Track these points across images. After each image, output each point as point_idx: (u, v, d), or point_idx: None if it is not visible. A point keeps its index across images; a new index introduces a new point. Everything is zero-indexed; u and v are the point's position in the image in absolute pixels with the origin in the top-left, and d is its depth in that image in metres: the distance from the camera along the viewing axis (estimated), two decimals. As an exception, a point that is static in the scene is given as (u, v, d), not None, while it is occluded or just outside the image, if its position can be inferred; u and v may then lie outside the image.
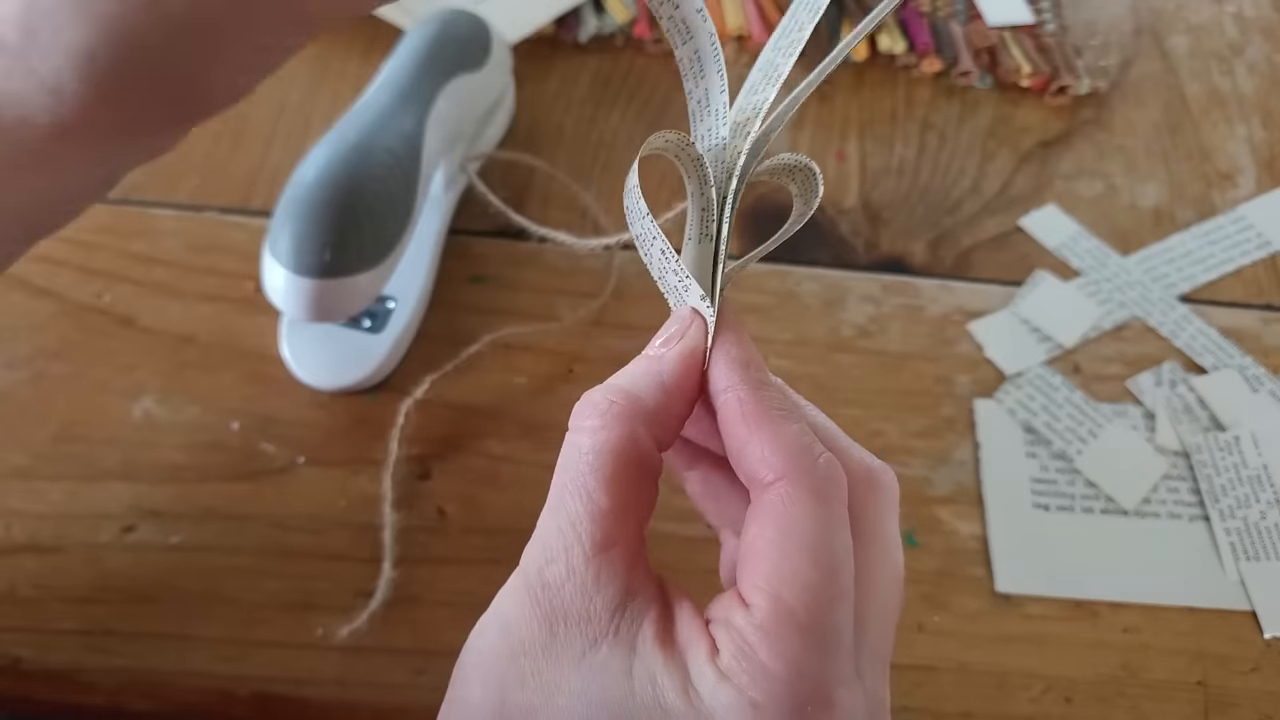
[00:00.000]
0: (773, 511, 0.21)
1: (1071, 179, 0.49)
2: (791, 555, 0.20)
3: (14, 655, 0.33)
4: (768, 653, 0.20)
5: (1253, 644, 0.36)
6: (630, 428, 0.22)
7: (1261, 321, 0.44)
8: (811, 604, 0.20)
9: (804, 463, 0.21)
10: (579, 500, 0.22)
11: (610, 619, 0.21)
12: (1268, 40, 0.56)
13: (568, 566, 0.21)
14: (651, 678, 0.21)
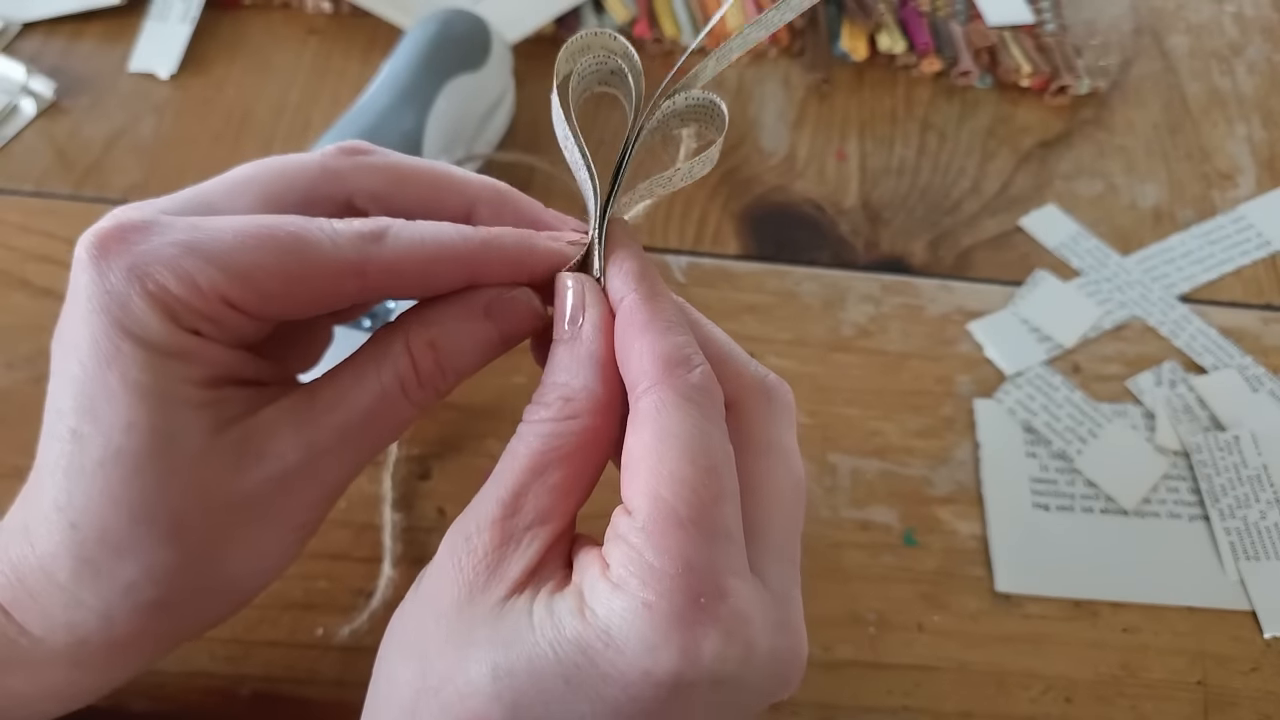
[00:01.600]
0: (648, 417, 0.21)
1: (1071, 179, 0.49)
2: (668, 457, 0.21)
3: (14, 655, 0.33)
4: (653, 552, 0.20)
5: (1252, 644, 0.36)
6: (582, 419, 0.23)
7: (1261, 321, 0.44)
8: (692, 499, 0.20)
9: (678, 371, 0.22)
10: (525, 475, 0.22)
11: (524, 580, 0.22)
12: (1268, 40, 0.56)
13: (501, 535, 0.22)
14: (549, 611, 0.21)
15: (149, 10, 0.52)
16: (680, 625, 0.20)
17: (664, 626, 0.20)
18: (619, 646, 0.20)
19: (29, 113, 0.48)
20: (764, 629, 0.21)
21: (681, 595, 0.20)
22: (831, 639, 0.35)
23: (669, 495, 0.20)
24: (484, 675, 0.21)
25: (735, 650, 0.20)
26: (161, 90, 0.50)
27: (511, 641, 0.21)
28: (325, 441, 0.24)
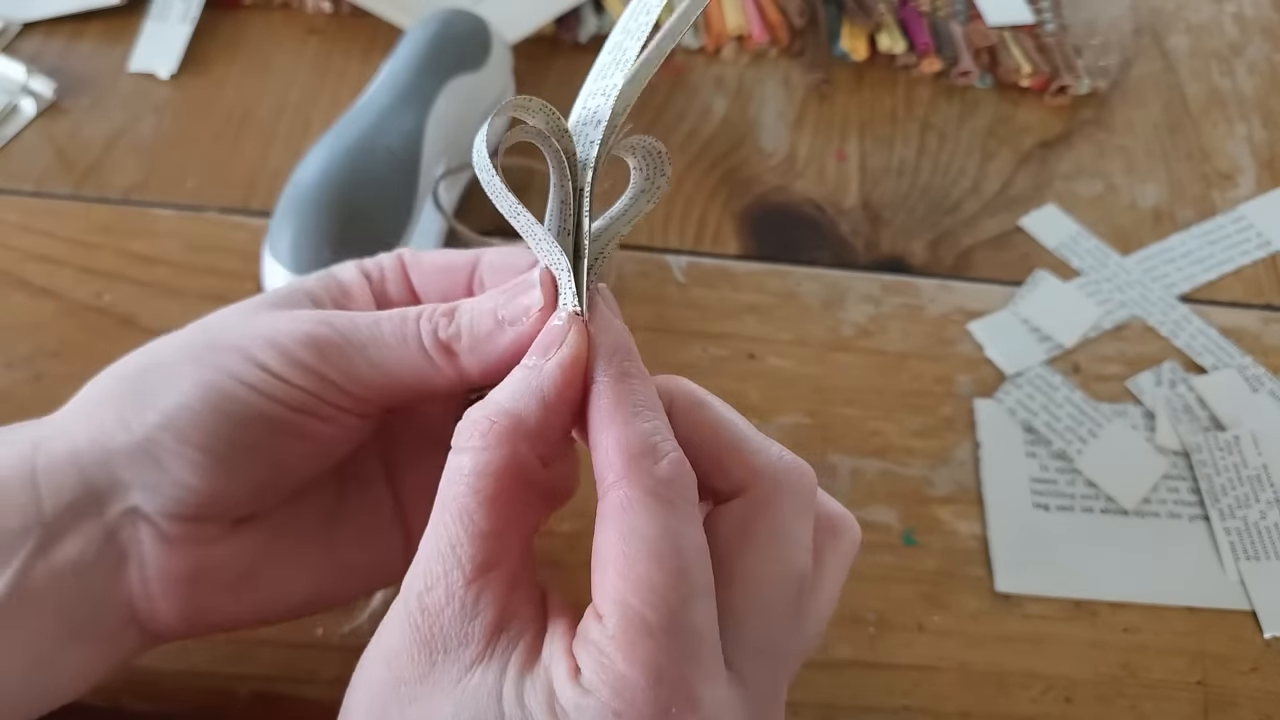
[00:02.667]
0: (614, 514, 0.21)
1: (1071, 179, 0.49)
2: (635, 560, 0.20)
3: (14, 655, 0.33)
4: (623, 661, 0.20)
5: (1252, 644, 0.36)
6: (510, 448, 0.22)
7: (1261, 321, 0.44)
8: (661, 606, 0.20)
9: (644, 464, 0.21)
10: (459, 523, 0.21)
11: (487, 643, 0.21)
12: (1268, 40, 0.56)
13: (447, 591, 0.21)
14: (520, 699, 0.20)
15: (149, 10, 0.52)
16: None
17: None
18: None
19: (29, 113, 0.48)
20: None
21: (650, 707, 0.20)
22: (831, 639, 0.35)
23: (637, 603, 0.20)
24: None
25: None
26: (161, 90, 0.50)
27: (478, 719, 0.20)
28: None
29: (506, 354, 0.24)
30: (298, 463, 0.27)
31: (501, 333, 0.24)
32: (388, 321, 0.25)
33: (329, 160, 0.38)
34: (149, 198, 0.45)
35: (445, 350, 0.25)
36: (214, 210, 0.45)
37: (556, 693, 0.20)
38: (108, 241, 0.43)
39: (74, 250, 0.43)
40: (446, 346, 0.25)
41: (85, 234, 0.44)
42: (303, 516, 0.28)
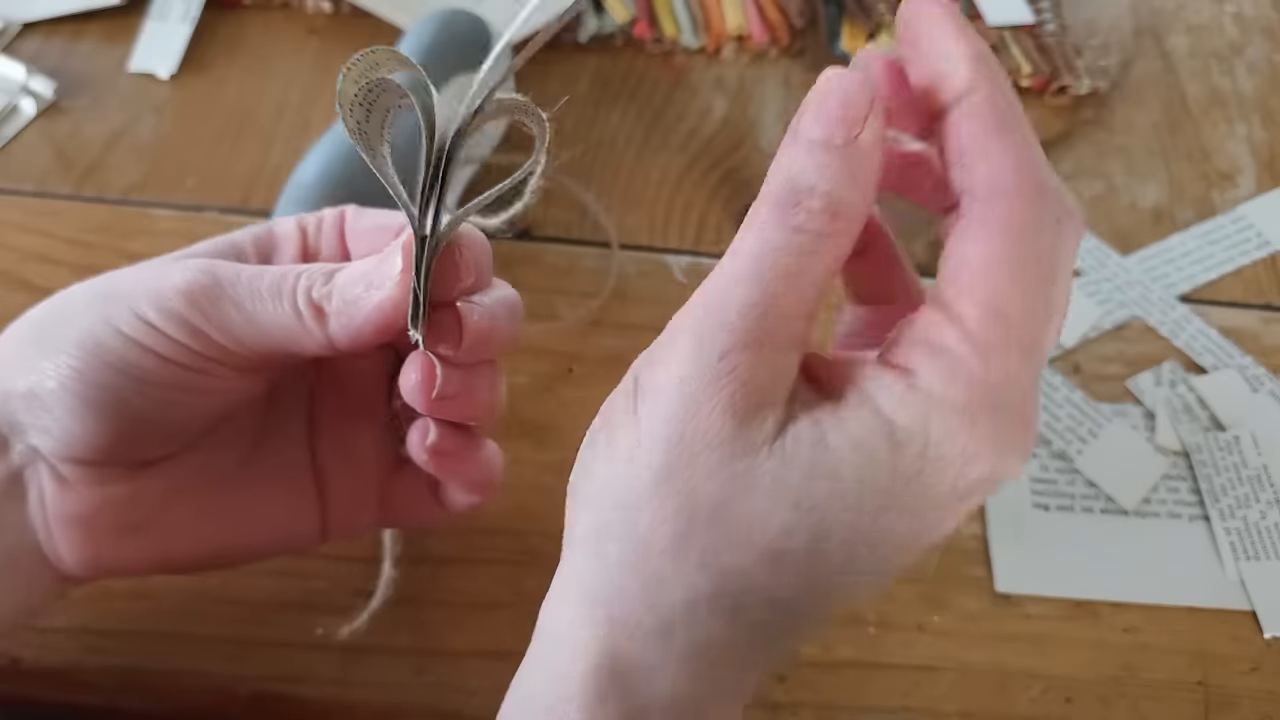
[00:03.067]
0: (1002, 227, 0.20)
1: (1071, 179, 0.49)
2: (1021, 275, 0.20)
3: (13, 655, 0.33)
4: (986, 368, 0.19)
5: (1253, 644, 0.36)
6: (839, 226, 0.21)
7: (1261, 321, 0.44)
8: (1029, 321, 0.20)
9: (1042, 183, 0.20)
10: (774, 286, 0.20)
11: (789, 402, 0.21)
12: (1268, 40, 0.56)
13: (756, 354, 0.20)
14: (853, 441, 0.20)
15: (149, 10, 0.52)
16: (995, 445, 0.20)
17: (983, 437, 0.20)
18: (938, 462, 0.20)
19: (29, 113, 0.48)
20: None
21: (1005, 418, 0.20)
22: (831, 639, 0.35)
23: (1015, 313, 0.20)
24: (782, 508, 0.20)
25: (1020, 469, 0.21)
26: (161, 90, 0.50)
27: (813, 474, 0.20)
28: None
29: (371, 319, 0.24)
30: (184, 413, 0.27)
31: (367, 297, 0.24)
32: (270, 275, 0.25)
33: (329, 160, 0.38)
34: (149, 198, 0.45)
35: (317, 311, 0.25)
36: (214, 210, 0.45)
37: (892, 416, 0.20)
38: (107, 241, 0.43)
39: (73, 250, 0.43)
40: (318, 307, 0.25)
41: (85, 234, 0.44)
42: (211, 467, 0.28)
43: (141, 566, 0.29)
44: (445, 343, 0.25)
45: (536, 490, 0.37)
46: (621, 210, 0.46)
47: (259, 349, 0.25)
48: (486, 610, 0.35)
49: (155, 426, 0.27)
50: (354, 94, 0.21)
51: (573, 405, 0.40)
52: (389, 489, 0.31)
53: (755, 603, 0.21)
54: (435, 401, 0.25)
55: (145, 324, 0.25)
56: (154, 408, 0.26)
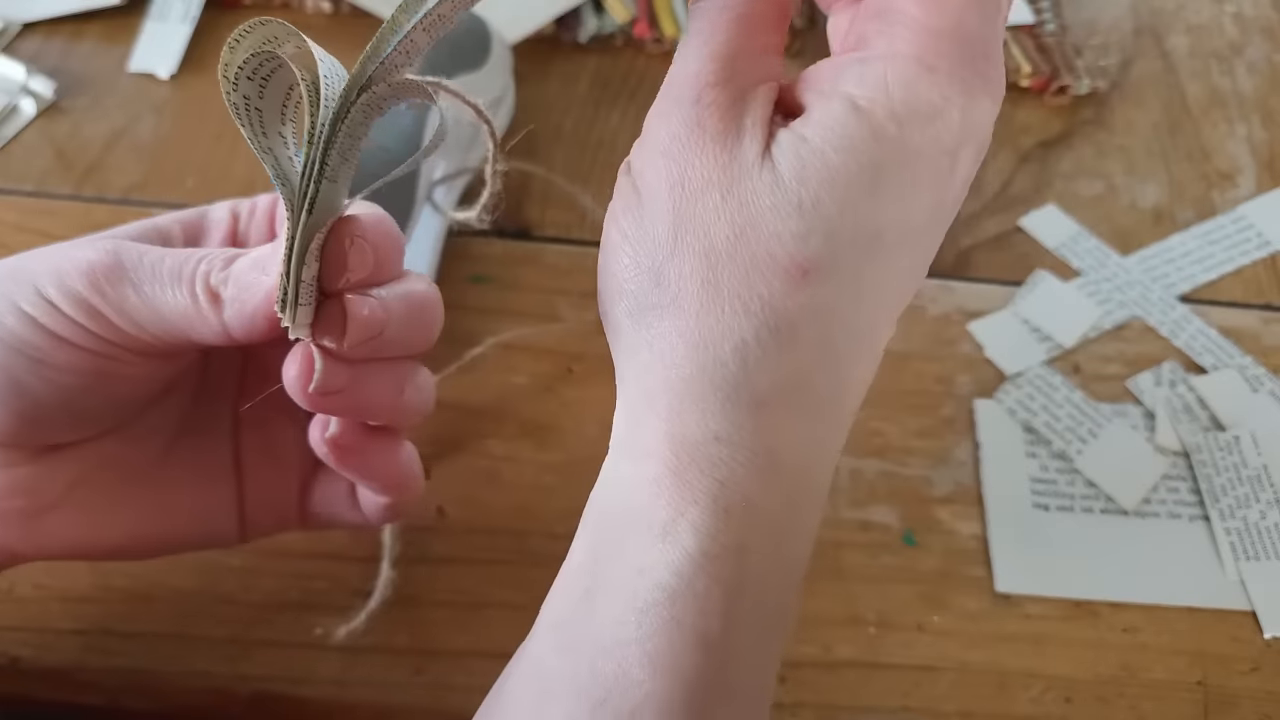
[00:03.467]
0: None
1: (1071, 179, 0.49)
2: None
3: (13, 655, 0.33)
4: (922, 11, 0.20)
5: (1252, 644, 0.36)
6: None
7: (1261, 321, 0.44)
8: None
9: None
10: (747, 30, 0.22)
11: (771, 125, 0.21)
12: (1268, 40, 0.56)
13: (737, 86, 0.21)
14: (828, 130, 0.20)
15: (149, 10, 0.52)
16: (963, 79, 0.21)
17: (942, 78, 0.20)
18: (906, 113, 0.20)
19: (29, 113, 0.48)
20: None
21: (960, 54, 0.21)
22: (831, 639, 0.35)
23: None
24: (789, 217, 0.20)
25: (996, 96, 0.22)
26: (161, 90, 0.50)
27: (803, 174, 0.20)
28: None
29: (261, 308, 0.23)
30: (90, 399, 0.26)
31: (258, 283, 0.24)
32: (171, 259, 0.25)
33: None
34: (148, 198, 0.45)
35: (213, 297, 0.24)
36: (213, 210, 0.45)
37: (853, 91, 0.20)
38: (107, 241, 0.43)
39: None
40: (214, 293, 0.24)
41: (84, 234, 0.43)
42: (127, 456, 0.28)
43: (55, 551, 0.28)
44: (330, 335, 0.23)
45: (537, 490, 0.38)
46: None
47: (157, 334, 0.25)
48: (486, 610, 0.35)
49: (59, 410, 0.26)
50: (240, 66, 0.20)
51: (573, 406, 0.40)
52: (309, 490, 0.31)
53: (802, 323, 0.21)
54: (316, 396, 0.24)
55: (46, 303, 0.24)
56: (55, 391, 0.25)
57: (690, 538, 0.20)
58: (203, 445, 0.30)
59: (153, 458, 0.29)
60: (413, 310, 0.25)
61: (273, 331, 0.24)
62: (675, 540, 0.20)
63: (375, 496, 0.29)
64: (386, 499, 0.29)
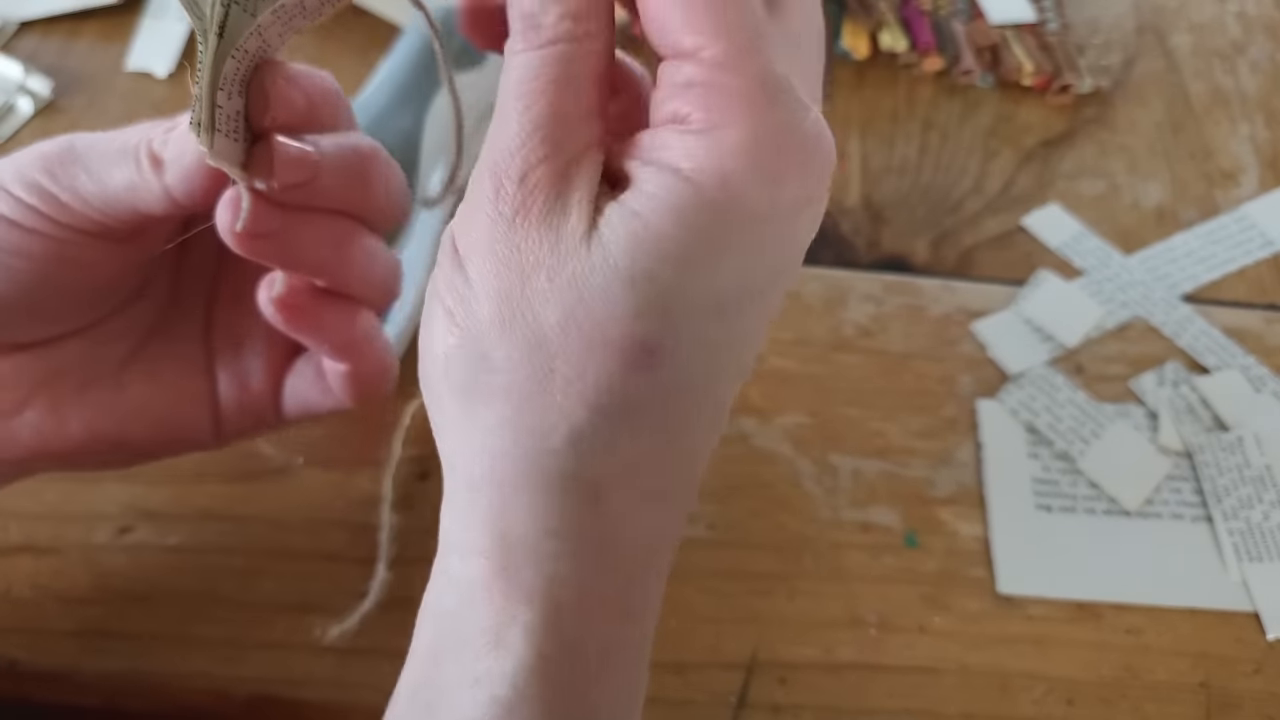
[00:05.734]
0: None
1: (1074, 178, 0.49)
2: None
3: (10, 657, 0.33)
4: (721, 77, 0.20)
5: (1256, 645, 0.35)
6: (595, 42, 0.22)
7: (1265, 321, 0.44)
8: (738, 22, 0.20)
9: None
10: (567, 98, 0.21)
11: (594, 201, 0.20)
12: (1270, 39, 0.55)
13: (560, 161, 0.20)
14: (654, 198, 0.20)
15: (146, 8, 0.52)
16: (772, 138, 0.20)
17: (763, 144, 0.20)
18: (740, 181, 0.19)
19: (26, 112, 0.48)
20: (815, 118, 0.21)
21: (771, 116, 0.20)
22: (833, 641, 0.35)
23: (726, 24, 0.20)
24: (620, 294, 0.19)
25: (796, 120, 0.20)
26: (159, 89, 0.50)
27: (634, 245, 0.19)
28: None
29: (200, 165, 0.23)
30: (54, 290, 0.26)
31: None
32: (121, 136, 0.25)
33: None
34: (147, 197, 0.45)
35: (154, 161, 0.24)
36: (212, 209, 0.45)
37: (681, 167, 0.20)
38: (105, 241, 0.43)
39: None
40: (156, 157, 0.24)
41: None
42: (96, 355, 0.28)
43: (23, 458, 0.28)
44: (260, 174, 0.23)
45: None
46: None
47: (105, 209, 0.25)
48: (486, 612, 0.35)
49: (20, 303, 0.26)
50: None
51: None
52: (284, 383, 0.31)
53: (643, 405, 0.20)
54: (245, 238, 0.24)
55: (5, 192, 0.25)
56: (14, 280, 0.25)
57: (523, 644, 0.20)
58: (173, 347, 0.30)
59: (121, 359, 0.29)
60: (350, 162, 0.25)
61: (215, 189, 0.24)
62: (508, 649, 0.20)
63: (336, 366, 0.29)
64: (345, 366, 0.29)
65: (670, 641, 0.34)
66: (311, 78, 0.24)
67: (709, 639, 0.35)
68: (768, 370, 0.41)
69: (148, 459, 0.31)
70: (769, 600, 0.35)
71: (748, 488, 0.38)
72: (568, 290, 0.19)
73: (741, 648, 0.34)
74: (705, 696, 0.34)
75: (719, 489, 0.38)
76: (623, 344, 0.19)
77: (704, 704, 0.33)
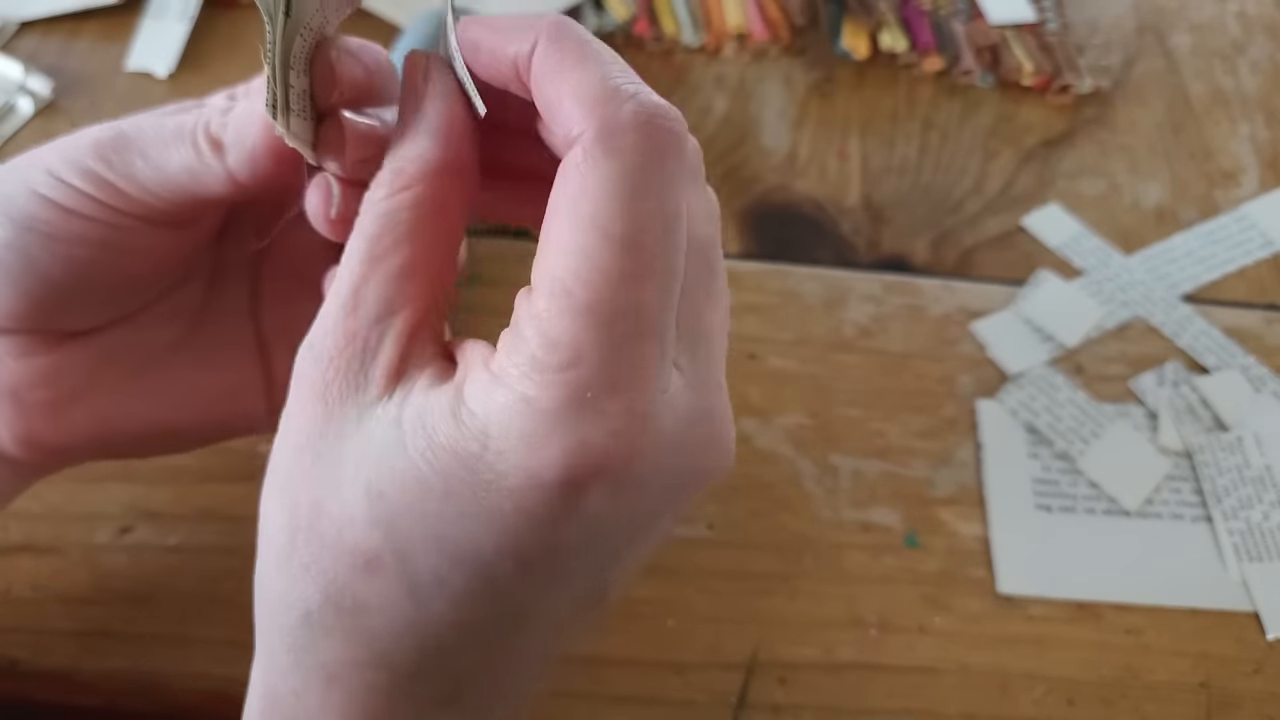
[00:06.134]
0: (565, 176, 0.18)
1: (1074, 178, 0.49)
2: (576, 228, 0.17)
3: (11, 657, 0.33)
4: (540, 342, 0.17)
5: (1256, 645, 0.35)
6: (425, 186, 0.20)
7: (1265, 321, 0.44)
8: (595, 281, 0.17)
9: (605, 110, 0.18)
10: (361, 266, 0.20)
11: (386, 385, 0.19)
12: (1270, 39, 0.56)
13: (345, 335, 0.19)
14: (420, 417, 0.18)
15: (146, 9, 0.52)
16: (565, 422, 0.17)
17: (546, 424, 0.17)
18: (498, 449, 0.17)
19: (26, 112, 0.48)
20: (672, 423, 0.18)
21: (566, 389, 0.17)
22: (833, 641, 0.35)
23: (568, 278, 0.17)
24: (358, 499, 0.18)
25: (630, 446, 0.17)
26: (159, 89, 0.49)
27: (383, 456, 0.18)
28: None
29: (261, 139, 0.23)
30: (106, 277, 0.26)
31: (255, 115, 0.23)
32: (175, 120, 0.25)
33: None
34: (147, 197, 0.45)
35: (214, 144, 0.24)
36: (212, 209, 0.45)
37: (465, 394, 0.18)
38: (105, 241, 0.43)
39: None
40: (215, 140, 0.24)
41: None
42: (145, 341, 0.28)
43: (83, 445, 0.28)
44: (331, 154, 0.23)
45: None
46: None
47: (164, 194, 0.25)
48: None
49: (74, 291, 0.26)
50: None
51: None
52: None
53: (373, 605, 0.19)
54: (338, 224, 0.23)
55: (54, 179, 0.25)
56: (69, 268, 0.25)
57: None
58: (221, 328, 0.29)
59: (171, 344, 0.29)
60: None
61: (278, 170, 0.24)
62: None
63: None
64: None
65: (670, 641, 0.34)
66: (368, 51, 0.24)
67: (709, 639, 0.35)
68: (768, 370, 0.41)
69: (203, 443, 0.31)
70: (769, 600, 0.35)
71: (748, 488, 0.38)
72: (325, 474, 0.19)
73: (742, 648, 0.34)
74: (705, 696, 0.34)
75: (720, 489, 0.38)
76: (353, 549, 0.19)
77: (704, 704, 0.33)
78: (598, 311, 0.17)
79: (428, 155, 0.20)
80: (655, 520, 0.19)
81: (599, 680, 0.34)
